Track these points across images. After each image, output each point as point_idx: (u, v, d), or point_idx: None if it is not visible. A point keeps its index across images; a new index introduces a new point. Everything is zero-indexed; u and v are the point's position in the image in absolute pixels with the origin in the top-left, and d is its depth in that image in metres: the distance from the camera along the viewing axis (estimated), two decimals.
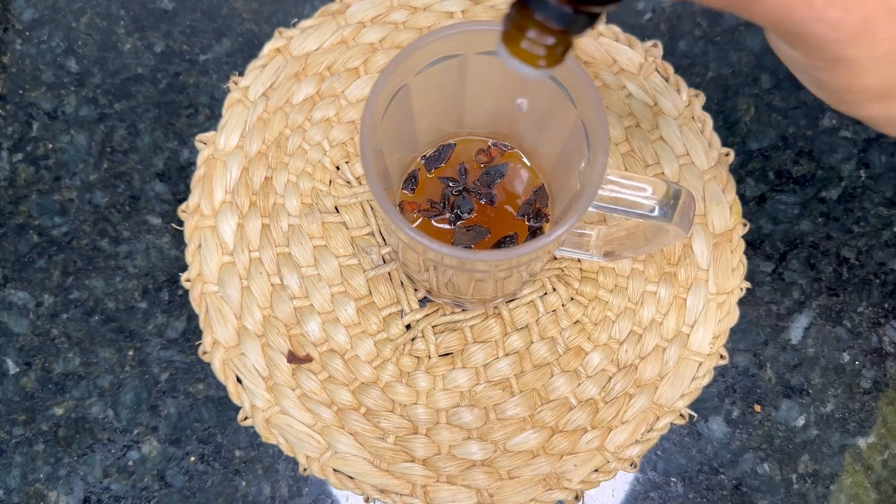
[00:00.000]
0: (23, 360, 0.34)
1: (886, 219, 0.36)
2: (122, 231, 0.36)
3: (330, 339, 0.33)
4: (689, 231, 0.26)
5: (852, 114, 0.21)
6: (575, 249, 0.32)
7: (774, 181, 0.37)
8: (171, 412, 0.34)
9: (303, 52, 0.37)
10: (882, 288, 0.35)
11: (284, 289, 0.34)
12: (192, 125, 0.37)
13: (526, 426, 0.33)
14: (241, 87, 0.36)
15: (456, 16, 0.37)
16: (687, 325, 0.34)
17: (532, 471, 0.32)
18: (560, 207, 0.30)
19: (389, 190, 0.30)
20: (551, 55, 0.16)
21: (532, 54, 0.16)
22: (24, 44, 0.38)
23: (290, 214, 0.35)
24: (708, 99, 0.37)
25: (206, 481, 0.33)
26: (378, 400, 0.33)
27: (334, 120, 0.36)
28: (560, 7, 0.15)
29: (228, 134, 0.35)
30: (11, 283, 0.35)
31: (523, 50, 0.16)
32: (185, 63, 0.38)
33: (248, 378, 0.33)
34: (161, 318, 0.35)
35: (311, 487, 0.33)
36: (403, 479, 0.32)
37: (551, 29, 0.16)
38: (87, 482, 0.33)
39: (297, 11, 0.39)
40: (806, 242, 0.36)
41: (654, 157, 0.35)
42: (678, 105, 0.36)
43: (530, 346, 0.34)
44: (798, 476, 0.33)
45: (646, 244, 0.29)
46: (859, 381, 0.34)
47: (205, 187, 0.35)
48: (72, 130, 0.37)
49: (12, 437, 0.33)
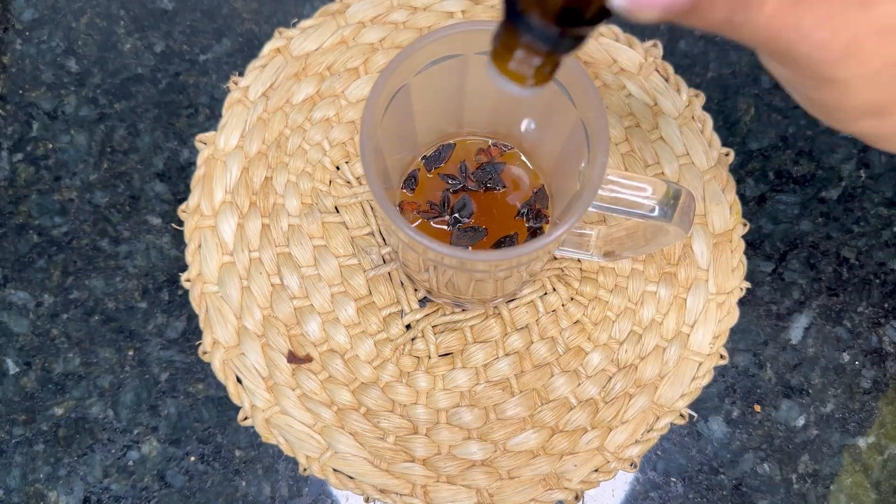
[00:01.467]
0: (23, 360, 0.34)
1: (886, 219, 0.36)
2: (122, 231, 0.36)
3: (330, 339, 0.33)
4: (689, 231, 0.26)
5: (844, 129, 0.21)
6: (575, 249, 0.32)
7: (774, 181, 0.37)
8: (171, 412, 0.34)
9: (303, 52, 0.37)
10: (882, 288, 0.35)
11: (284, 289, 0.34)
12: (192, 125, 0.37)
13: (526, 426, 0.33)
14: (241, 87, 0.36)
15: (456, 16, 0.37)
16: (687, 325, 0.34)
17: (532, 471, 0.32)
18: (560, 207, 0.30)
19: (389, 190, 0.30)
20: (539, 74, 0.17)
21: (520, 74, 0.17)
22: (24, 44, 0.38)
23: (290, 214, 0.35)
24: (708, 99, 0.37)
25: (206, 481, 0.33)
26: (378, 400, 0.33)
27: (334, 120, 0.36)
28: (546, 29, 0.15)
29: (228, 134, 0.35)
30: (11, 283, 0.35)
31: (511, 69, 0.17)
32: (185, 63, 0.38)
33: (248, 378, 0.33)
34: (161, 318, 0.35)
35: (311, 487, 0.33)
36: (403, 479, 0.32)
37: (538, 50, 0.16)
38: (87, 482, 0.33)
39: (297, 11, 0.39)
40: (806, 242, 0.36)
41: (654, 156, 0.35)
42: (678, 105, 0.36)
43: (530, 346, 0.34)
44: (798, 476, 0.33)
45: (646, 244, 0.29)
46: (859, 382, 0.34)
47: (205, 187, 0.35)
48: (72, 130, 0.37)
49: (12, 437, 0.33)
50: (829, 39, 0.17)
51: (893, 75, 0.18)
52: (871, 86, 0.19)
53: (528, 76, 0.17)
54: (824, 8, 0.17)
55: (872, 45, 0.18)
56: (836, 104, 0.20)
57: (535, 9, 0.15)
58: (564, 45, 0.16)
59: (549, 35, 0.15)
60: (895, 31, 0.17)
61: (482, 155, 0.32)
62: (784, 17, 0.17)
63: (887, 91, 0.19)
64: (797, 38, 0.17)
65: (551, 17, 0.15)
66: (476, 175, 0.32)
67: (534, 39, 0.16)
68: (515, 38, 0.16)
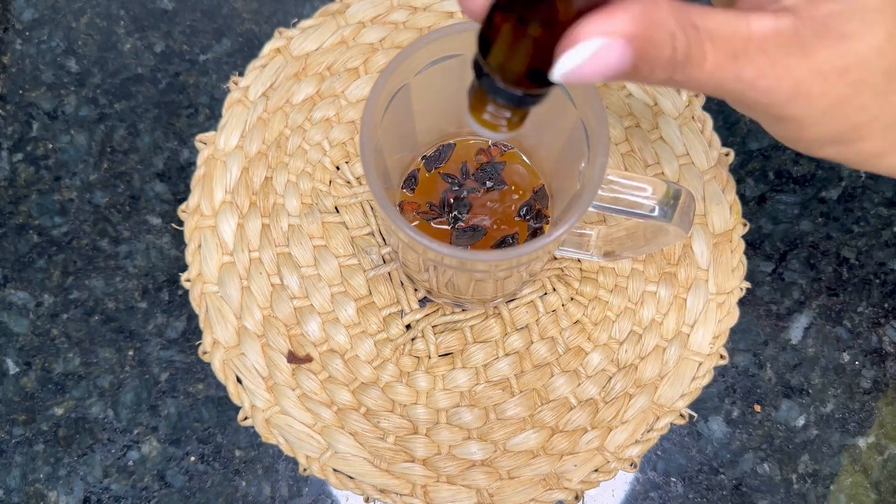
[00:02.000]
0: (23, 360, 0.34)
1: (886, 219, 0.36)
2: (122, 231, 0.36)
3: (330, 339, 0.33)
4: (689, 231, 0.26)
5: (810, 154, 0.22)
6: (575, 249, 0.32)
7: (774, 181, 0.37)
8: (171, 412, 0.34)
9: (303, 52, 0.37)
10: (882, 288, 0.35)
11: (284, 289, 0.34)
12: (192, 125, 0.37)
13: (526, 426, 0.33)
14: (241, 87, 0.36)
15: (456, 16, 0.37)
16: (687, 325, 0.34)
17: (532, 471, 0.32)
18: (560, 207, 0.30)
19: (389, 190, 0.30)
20: (510, 123, 0.19)
21: (494, 124, 0.19)
22: (24, 44, 0.38)
23: (290, 214, 0.35)
24: (708, 98, 0.37)
25: (206, 481, 0.33)
26: (378, 400, 0.33)
27: (334, 120, 0.36)
28: (510, 91, 0.17)
29: (228, 134, 0.35)
30: (11, 283, 0.35)
31: (486, 120, 0.19)
32: (185, 63, 0.38)
33: (248, 378, 0.33)
34: (161, 318, 0.35)
35: (311, 487, 0.33)
36: (403, 479, 0.32)
37: (506, 106, 0.18)
38: (87, 482, 0.33)
39: (297, 11, 0.39)
40: (806, 242, 0.36)
41: (654, 157, 0.35)
42: (678, 105, 0.36)
43: (530, 346, 0.34)
44: (798, 476, 0.33)
45: (646, 244, 0.29)
46: (859, 382, 0.34)
47: (205, 187, 0.35)
48: (72, 130, 0.37)
49: (12, 437, 0.33)
50: (774, 86, 0.18)
51: (844, 109, 0.20)
52: (824, 120, 0.20)
53: (501, 125, 0.19)
54: (764, 58, 0.18)
55: (818, 86, 0.19)
56: (795, 136, 0.21)
57: (497, 73, 0.17)
58: (528, 102, 0.18)
59: (512, 95, 0.18)
60: (837, 73, 0.19)
61: (482, 155, 0.32)
62: (725, 70, 0.18)
63: (841, 123, 0.20)
64: (742, 87, 0.18)
65: (512, 81, 0.17)
66: (476, 175, 0.32)
67: (500, 99, 0.18)
68: (485, 97, 0.18)
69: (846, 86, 0.19)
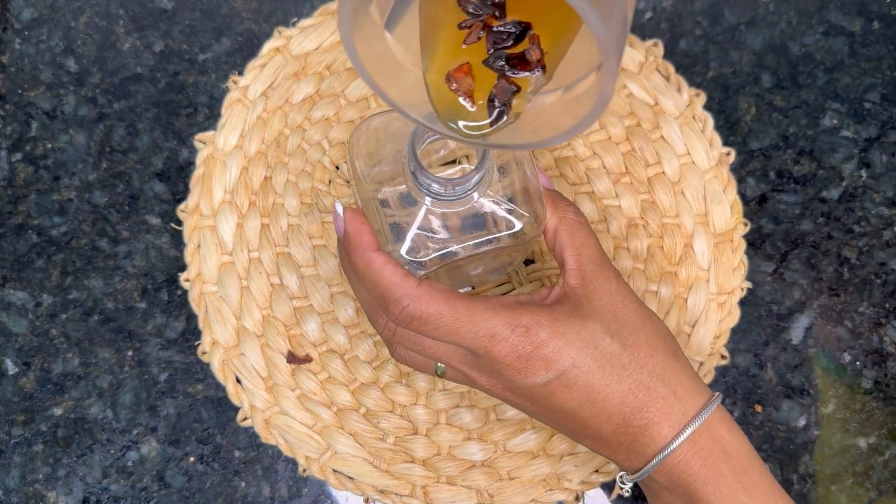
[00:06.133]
0: (22, 360, 0.34)
1: (887, 219, 0.36)
2: (122, 231, 0.36)
3: (329, 340, 0.33)
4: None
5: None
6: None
7: (775, 181, 0.37)
8: (171, 412, 0.34)
9: (302, 51, 0.36)
10: (883, 288, 0.35)
11: (284, 289, 0.34)
12: (192, 125, 0.37)
13: (526, 427, 0.33)
14: (240, 87, 0.36)
15: None
16: (688, 324, 0.34)
17: (532, 471, 0.32)
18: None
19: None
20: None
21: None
22: (23, 43, 0.38)
23: (289, 214, 0.35)
24: (709, 98, 0.37)
25: (205, 482, 0.33)
26: (378, 400, 0.33)
27: (334, 119, 0.36)
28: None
29: (228, 133, 0.35)
30: (10, 283, 0.35)
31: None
32: (185, 63, 0.38)
33: (248, 378, 0.33)
34: (160, 318, 0.35)
35: (310, 488, 0.33)
36: (403, 479, 0.32)
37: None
38: (87, 483, 0.33)
39: (297, 10, 0.39)
40: (807, 242, 0.36)
41: (655, 156, 0.35)
42: (679, 104, 0.36)
43: None
44: (799, 476, 0.33)
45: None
46: (860, 382, 0.34)
47: (204, 187, 0.35)
48: (71, 130, 0.37)
49: (11, 438, 0.33)
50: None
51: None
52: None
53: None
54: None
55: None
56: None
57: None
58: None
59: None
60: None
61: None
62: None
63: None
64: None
65: None
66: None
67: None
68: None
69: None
